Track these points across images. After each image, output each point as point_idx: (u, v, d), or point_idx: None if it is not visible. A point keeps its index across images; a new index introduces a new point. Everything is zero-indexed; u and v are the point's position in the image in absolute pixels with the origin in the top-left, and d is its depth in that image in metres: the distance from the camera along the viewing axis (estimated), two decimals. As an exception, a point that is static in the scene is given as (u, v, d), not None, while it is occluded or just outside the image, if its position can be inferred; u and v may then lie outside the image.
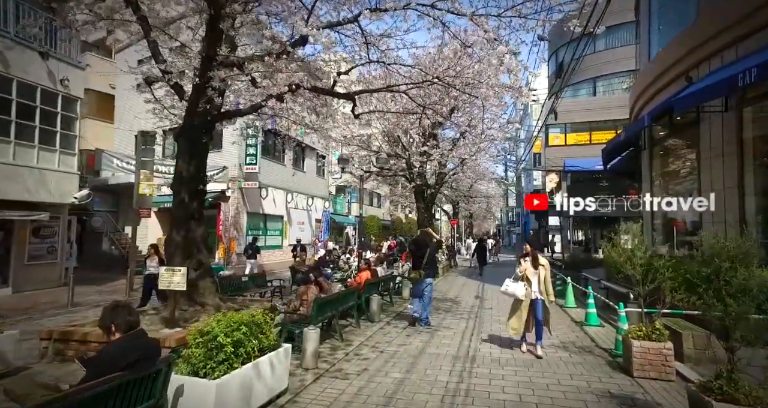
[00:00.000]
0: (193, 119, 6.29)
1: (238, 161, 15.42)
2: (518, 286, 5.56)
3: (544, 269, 5.55)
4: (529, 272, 5.55)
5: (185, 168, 6.39)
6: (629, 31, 26.70)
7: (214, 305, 6.25)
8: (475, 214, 34.94)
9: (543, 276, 5.50)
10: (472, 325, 7.48)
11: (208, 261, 6.64)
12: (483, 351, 5.83)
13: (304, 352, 4.85)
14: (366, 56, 7.06)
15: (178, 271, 5.10)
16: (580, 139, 28.26)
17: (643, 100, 10.61)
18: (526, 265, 5.59)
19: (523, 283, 5.53)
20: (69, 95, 10.20)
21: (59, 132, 10.09)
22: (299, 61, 6.66)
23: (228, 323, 3.31)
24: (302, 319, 5.52)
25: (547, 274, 5.56)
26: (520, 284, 5.55)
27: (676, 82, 8.36)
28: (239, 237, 15.54)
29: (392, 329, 7.14)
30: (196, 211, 6.57)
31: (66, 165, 10.33)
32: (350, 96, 7.54)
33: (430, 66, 6.88)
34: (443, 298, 10.55)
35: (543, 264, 5.58)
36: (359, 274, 8.26)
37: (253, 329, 3.51)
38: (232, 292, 8.43)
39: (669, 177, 9.78)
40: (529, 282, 5.51)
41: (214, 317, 3.43)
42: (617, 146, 11.09)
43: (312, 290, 5.77)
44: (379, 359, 5.38)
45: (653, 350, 4.36)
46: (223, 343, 3.13)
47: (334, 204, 25.57)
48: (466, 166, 16.96)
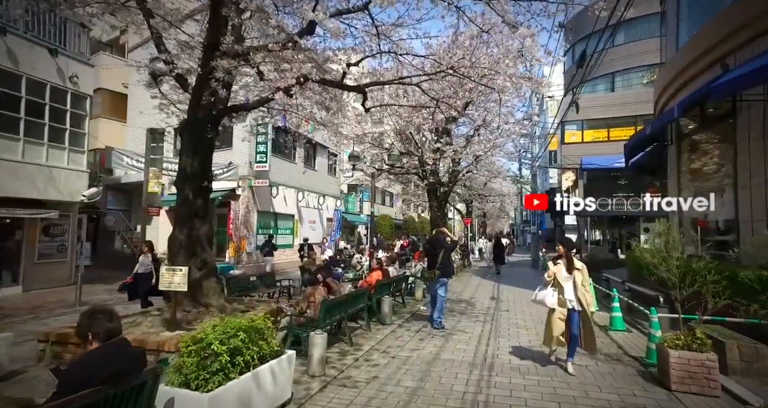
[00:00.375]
0: (197, 113, 6.05)
1: (248, 159, 15.25)
2: (547, 292, 4.79)
3: (581, 274, 4.67)
4: (560, 277, 4.75)
5: (189, 164, 6.15)
6: (649, 24, 25.88)
7: (219, 306, 6.00)
8: (489, 213, 34.32)
9: (579, 282, 4.65)
10: (489, 329, 7.10)
11: (212, 260, 6.40)
12: (502, 357, 5.45)
13: (311, 358, 4.54)
14: (377, 47, 6.75)
15: (179, 271, 4.86)
16: (598, 135, 27.44)
17: (670, 92, 10.05)
18: (555, 269, 4.78)
19: (553, 290, 4.79)
20: (78, 92, 10.11)
21: (69, 129, 10.01)
22: (306, 52, 6.38)
23: (224, 329, 3.01)
24: (309, 322, 5.22)
25: (584, 279, 4.68)
26: (549, 291, 4.79)
27: (707, 72, 7.83)
28: (249, 236, 15.38)
29: (404, 332, 6.80)
30: (201, 209, 6.33)
31: (75, 163, 10.25)
32: (360, 89, 7.22)
33: (443, 56, 6.51)
34: (457, 300, 10.17)
35: (579, 268, 4.71)
36: (370, 275, 7.94)
37: (253, 335, 3.21)
38: (240, 293, 8.21)
39: (698, 173, 9.22)
40: (561, 289, 4.73)
41: (210, 322, 3.14)
42: (641, 141, 10.53)
43: (320, 291, 5.46)
44: (390, 365, 5.06)
45: (694, 362, 3.93)
46: (218, 352, 2.83)
47: (345, 203, 25.32)
48: (480, 163, 16.53)
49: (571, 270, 4.73)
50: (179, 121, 6.60)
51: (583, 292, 4.60)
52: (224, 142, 15.84)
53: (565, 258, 4.81)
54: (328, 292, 5.94)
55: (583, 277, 4.66)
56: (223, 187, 15.22)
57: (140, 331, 5.01)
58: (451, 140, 13.66)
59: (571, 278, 4.71)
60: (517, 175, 25.70)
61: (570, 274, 4.72)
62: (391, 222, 29.75)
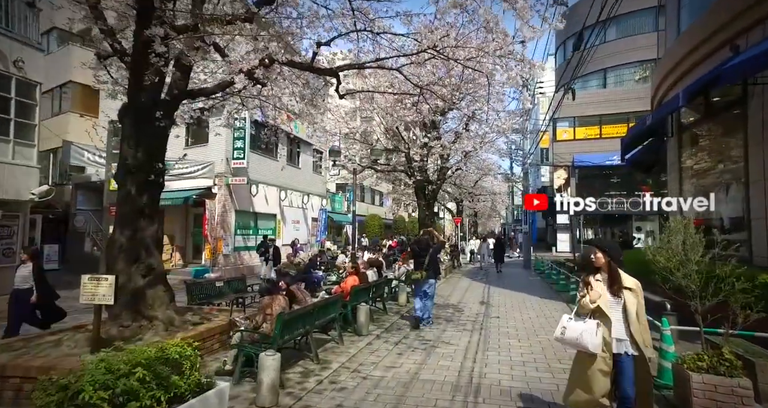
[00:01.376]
0: (139, 96, 5.23)
1: (225, 156, 14.38)
2: (587, 327, 2.91)
3: (635, 297, 2.95)
4: (603, 303, 2.94)
5: (131, 155, 5.33)
6: (642, 19, 25.45)
7: (166, 319, 5.20)
8: (480, 212, 33.75)
9: (633, 310, 2.92)
10: (477, 340, 6.37)
11: (160, 266, 5.59)
12: (490, 376, 4.72)
13: (260, 385, 3.76)
14: (352, 26, 6.02)
15: (104, 281, 4.05)
16: (590, 133, 26.99)
17: (669, 83, 9.45)
18: (598, 290, 2.99)
19: (596, 323, 2.92)
20: (25, 79, 9.15)
21: (14, 120, 9.03)
22: (270, 29, 5.60)
23: (112, 367, 2.22)
24: (264, 338, 4.44)
25: (638, 304, 2.94)
26: (591, 325, 2.92)
27: (712, 57, 7.20)
28: (227, 237, 14.50)
29: (382, 345, 6.04)
30: (147, 206, 5.52)
31: (23, 157, 9.28)
32: (332, 72, 6.47)
33: (425, 34, 5.79)
34: (444, 304, 9.44)
35: (631, 287, 2.97)
36: (345, 280, 7.17)
37: (162, 370, 2.43)
38: (202, 300, 7.38)
39: (701, 168, 8.60)
40: (606, 319, 2.93)
41: (96, 358, 2.34)
42: (639, 135, 9.93)
43: (279, 302, 4.68)
44: (359, 389, 4.30)
45: (722, 388, 3.22)
46: (95, 403, 2.04)
47: (332, 202, 24.50)
48: (470, 160, 15.88)
49: (619, 291, 2.96)
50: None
51: (638, 326, 2.89)
52: (199, 138, 14.97)
53: (608, 272, 3.03)
54: (292, 301, 5.16)
55: (638, 303, 2.93)
56: (198, 185, 14.35)
57: (58, 353, 4.18)
58: (439, 135, 12.96)
59: (620, 304, 2.94)
60: (508, 173, 25.08)
61: (617, 297, 2.96)
62: (380, 222, 28.98)
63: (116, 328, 4.82)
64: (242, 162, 14.37)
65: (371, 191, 30.64)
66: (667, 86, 9.59)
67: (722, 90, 7.04)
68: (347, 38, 6.39)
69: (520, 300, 10.20)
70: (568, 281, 11.35)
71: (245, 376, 4.38)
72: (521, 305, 9.43)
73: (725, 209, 7.57)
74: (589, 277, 3.09)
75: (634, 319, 2.89)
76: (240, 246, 15.31)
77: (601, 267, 3.06)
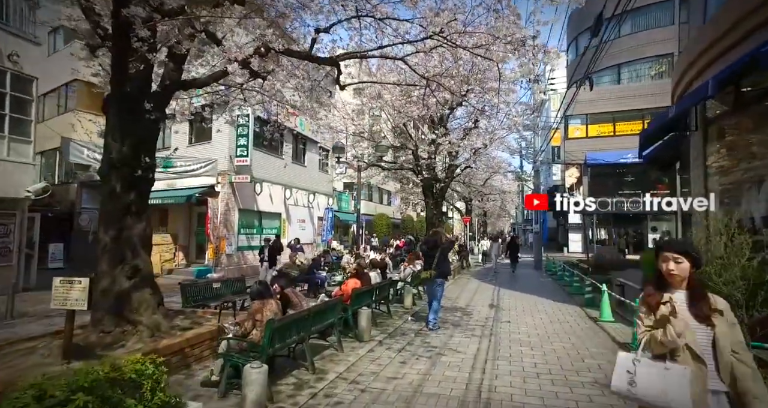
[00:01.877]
0: (124, 85, 4.90)
1: (228, 153, 14.09)
2: (673, 378, 1.85)
3: (726, 324, 1.95)
4: (691, 337, 1.94)
5: (116, 148, 5.00)
6: (660, 12, 24.60)
7: (151, 324, 4.86)
8: (490, 212, 33.19)
9: (725, 345, 1.91)
10: (486, 347, 5.93)
11: (148, 267, 5.25)
12: (501, 390, 4.29)
13: (244, 400, 3.39)
14: (354, 12, 5.63)
15: (77, 284, 3.71)
16: (603, 130, 26.21)
17: (692, 74, 8.86)
18: (677, 323, 1.91)
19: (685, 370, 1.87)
20: (21, 73, 8.92)
21: (8, 115, 8.81)
22: (261, 13, 5.24)
23: (46, 394, 1.85)
24: (253, 347, 4.06)
25: (734, 335, 1.95)
26: (678, 372, 1.86)
27: (743, 44, 6.64)
28: (230, 236, 14.22)
29: (384, 352, 5.64)
30: (135, 204, 5.19)
31: (18, 154, 9.06)
32: (333, 61, 6.09)
33: (431, 17, 5.38)
34: (452, 307, 9.01)
35: (720, 309, 1.97)
36: (346, 282, 6.78)
37: (111, 395, 2.05)
38: (198, 302, 7.05)
39: (729, 164, 8.03)
40: (693, 355, 1.92)
41: (29, 381, 1.97)
42: (660, 129, 9.36)
43: (270, 307, 4.30)
44: (356, 404, 3.90)
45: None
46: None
47: (339, 201, 24.16)
48: (479, 158, 15.40)
49: (706, 315, 1.96)
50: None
51: (731, 359, 1.90)
52: (202, 135, 14.71)
53: (689, 288, 2.04)
54: (286, 306, 4.78)
55: (732, 332, 1.95)
56: (201, 183, 14.10)
57: (27, 363, 3.84)
58: (447, 131, 12.52)
59: (711, 337, 1.94)
60: (519, 171, 24.48)
61: (705, 323, 1.95)
62: (388, 221, 28.59)
63: (96, 335, 4.49)
64: (245, 159, 14.07)
65: (379, 190, 30.25)
66: (690, 77, 9.00)
67: (754, 79, 6.49)
68: (349, 25, 6.01)
69: (532, 303, 9.72)
70: (583, 284, 10.81)
71: (232, 388, 4.00)
72: (533, 309, 8.96)
73: (757, 208, 7.01)
74: (662, 296, 2.01)
75: (726, 352, 1.88)
76: (243, 245, 15.03)
77: (673, 280, 2.01)
